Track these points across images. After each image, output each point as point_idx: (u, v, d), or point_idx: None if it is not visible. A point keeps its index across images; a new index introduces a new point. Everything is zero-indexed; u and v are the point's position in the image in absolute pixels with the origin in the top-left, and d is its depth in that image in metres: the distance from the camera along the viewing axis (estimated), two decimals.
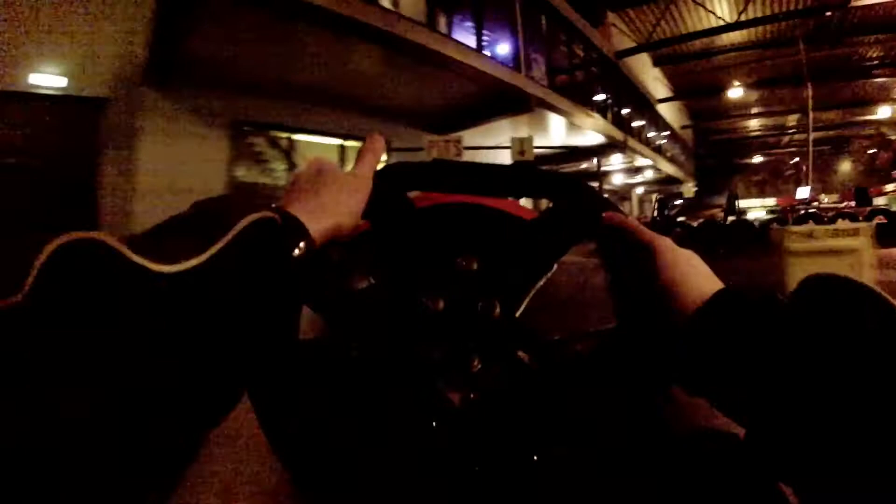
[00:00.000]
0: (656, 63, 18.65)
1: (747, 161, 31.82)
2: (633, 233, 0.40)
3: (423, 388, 0.40)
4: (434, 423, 0.39)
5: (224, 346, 0.26)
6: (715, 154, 28.86)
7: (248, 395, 0.34)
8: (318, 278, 0.37)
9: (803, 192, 17.30)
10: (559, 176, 0.46)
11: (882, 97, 19.75)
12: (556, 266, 0.44)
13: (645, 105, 16.48)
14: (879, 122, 22.35)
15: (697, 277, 0.36)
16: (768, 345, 0.28)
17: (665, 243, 0.38)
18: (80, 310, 0.21)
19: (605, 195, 0.46)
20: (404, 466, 0.36)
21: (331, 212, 0.37)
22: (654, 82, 18.74)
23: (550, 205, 0.46)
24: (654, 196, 26.37)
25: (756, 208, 32.76)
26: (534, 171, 0.49)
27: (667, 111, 19.45)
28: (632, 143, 13.20)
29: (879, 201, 26.02)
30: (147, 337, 0.22)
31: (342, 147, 8.93)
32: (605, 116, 11.48)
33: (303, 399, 0.37)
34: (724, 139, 28.71)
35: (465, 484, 0.37)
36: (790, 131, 25.96)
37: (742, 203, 31.72)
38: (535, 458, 0.39)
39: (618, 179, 19.78)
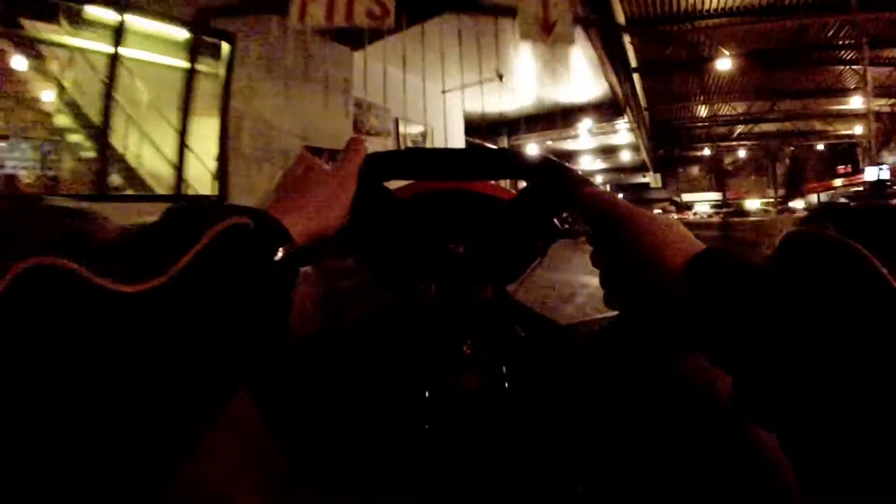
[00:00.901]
0: (628, 24, 15.75)
1: (697, 154, 30.62)
2: (611, 205, 0.40)
3: (419, 374, 0.41)
4: (431, 408, 0.40)
5: (200, 356, 0.26)
6: (670, 143, 27.18)
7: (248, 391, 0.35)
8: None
9: (879, 172, 14.18)
10: (535, 156, 0.47)
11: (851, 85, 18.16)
12: (548, 251, 0.47)
13: (627, 69, 13.35)
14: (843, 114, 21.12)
15: (680, 241, 0.36)
16: (751, 298, 0.29)
17: (644, 212, 0.39)
18: (43, 336, 0.21)
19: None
20: (402, 451, 0.37)
21: (317, 211, 0.37)
22: (627, 46, 15.90)
23: (527, 185, 0.46)
24: (608, 186, 24.49)
25: (701, 202, 32.09)
26: (509, 153, 0.50)
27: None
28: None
29: (815, 198, 25.65)
30: (114, 359, 0.22)
31: (191, 73, 4.63)
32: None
33: (300, 394, 0.37)
34: (682, 126, 26.95)
35: (464, 470, 0.38)
36: (742, 121, 24.42)
37: (686, 197, 30.85)
38: (532, 440, 0.39)
39: (586, 163, 16.92)
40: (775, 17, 12.91)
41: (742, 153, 29.76)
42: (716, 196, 31.28)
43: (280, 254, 0.31)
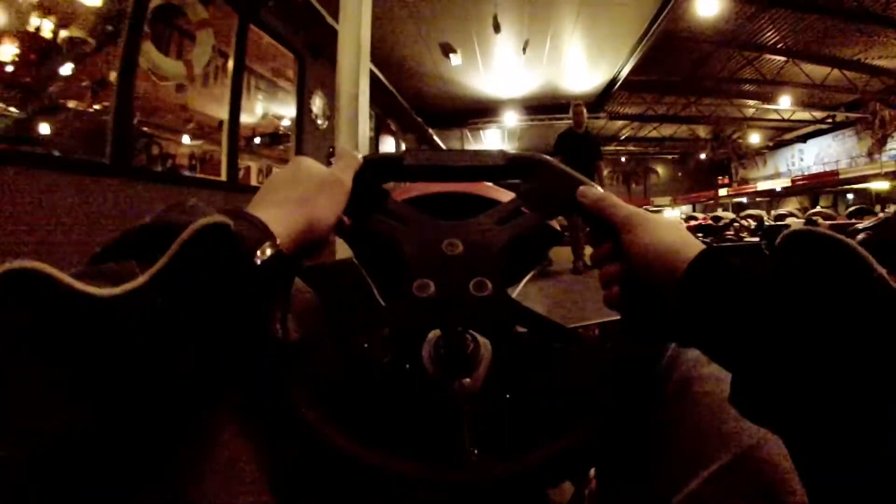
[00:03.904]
0: None
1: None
2: (611, 207, 0.40)
3: (418, 372, 0.41)
4: (431, 407, 0.41)
5: (180, 358, 0.25)
6: None
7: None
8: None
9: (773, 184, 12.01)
10: (530, 156, 0.46)
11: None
12: (548, 255, 0.66)
13: None
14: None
15: (681, 241, 0.36)
16: (752, 296, 0.29)
17: (644, 213, 0.39)
18: (21, 339, 0.21)
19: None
20: (402, 451, 0.36)
21: (302, 209, 0.36)
22: None
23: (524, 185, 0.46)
24: None
25: None
26: (504, 154, 0.47)
27: None
28: None
29: (689, 207, 25.09)
30: (91, 362, 0.22)
31: None
32: None
33: (293, 396, 0.37)
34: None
35: (465, 468, 0.38)
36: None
37: None
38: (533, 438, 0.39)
39: (508, 124, 11.56)
40: None
41: (622, 160, 28.33)
42: None
43: (268, 251, 0.31)
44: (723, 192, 24.21)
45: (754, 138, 21.63)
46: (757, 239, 6.34)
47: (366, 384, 0.42)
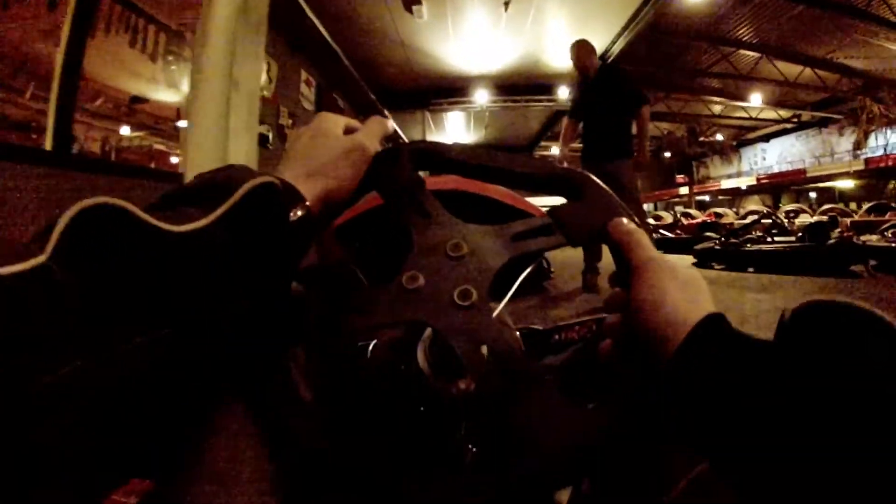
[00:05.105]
0: None
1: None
2: (632, 246, 0.37)
3: (413, 372, 0.42)
4: (426, 407, 0.41)
5: (226, 295, 0.28)
6: None
7: (243, 389, 0.35)
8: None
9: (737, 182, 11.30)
10: (575, 173, 0.44)
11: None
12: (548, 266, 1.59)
13: None
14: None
15: (690, 304, 0.31)
16: (755, 384, 0.25)
17: (662, 263, 0.34)
18: (100, 265, 0.23)
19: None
20: (398, 451, 0.36)
21: (325, 176, 0.38)
22: None
23: (557, 203, 0.44)
24: None
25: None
26: (554, 166, 0.45)
27: None
28: None
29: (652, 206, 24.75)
30: (158, 287, 0.25)
31: None
32: None
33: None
34: None
35: (453, 470, 0.37)
36: None
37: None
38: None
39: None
40: None
41: None
42: None
43: (299, 213, 0.33)
44: (685, 190, 23.96)
45: (718, 137, 21.38)
46: (792, 239, 5.37)
47: (361, 382, 0.43)
